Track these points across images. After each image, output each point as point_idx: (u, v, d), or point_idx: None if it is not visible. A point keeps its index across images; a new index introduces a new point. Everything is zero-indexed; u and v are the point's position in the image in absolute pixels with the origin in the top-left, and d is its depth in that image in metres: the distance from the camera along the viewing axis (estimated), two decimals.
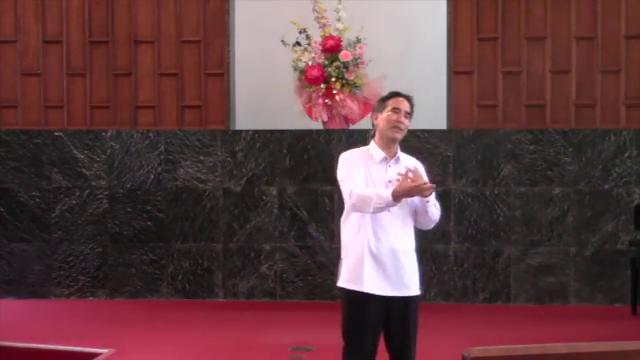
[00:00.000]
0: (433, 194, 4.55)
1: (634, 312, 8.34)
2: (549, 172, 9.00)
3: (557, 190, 8.98)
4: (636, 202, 8.76)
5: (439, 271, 8.98)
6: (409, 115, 4.63)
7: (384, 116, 4.60)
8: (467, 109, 9.32)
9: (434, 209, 4.60)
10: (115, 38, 9.58)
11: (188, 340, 7.39)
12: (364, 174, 4.53)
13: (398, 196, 4.36)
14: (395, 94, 4.70)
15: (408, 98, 4.69)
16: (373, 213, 4.43)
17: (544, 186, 8.99)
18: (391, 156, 4.59)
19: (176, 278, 9.22)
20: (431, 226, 4.69)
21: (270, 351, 7.04)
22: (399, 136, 4.59)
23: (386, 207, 4.41)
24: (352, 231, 4.57)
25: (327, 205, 8.95)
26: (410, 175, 4.39)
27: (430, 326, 5.89)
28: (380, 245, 4.49)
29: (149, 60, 9.58)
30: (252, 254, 9.16)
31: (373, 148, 4.61)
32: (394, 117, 4.58)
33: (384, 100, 4.68)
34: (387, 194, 4.37)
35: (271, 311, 8.73)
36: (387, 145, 4.59)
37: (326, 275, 8.87)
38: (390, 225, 4.50)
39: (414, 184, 4.35)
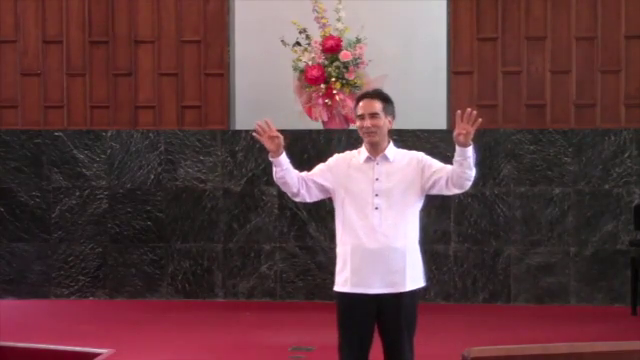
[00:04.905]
0: (472, 145, 4.47)
1: (634, 312, 8.34)
2: (549, 172, 9.00)
3: (557, 190, 8.98)
4: (636, 202, 8.75)
5: (439, 271, 8.97)
6: (376, 115, 4.59)
7: (356, 124, 4.69)
8: (467, 109, 9.29)
9: (472, 160, 4.47)
10: (115, 38, 9.58)
11: (188, 340, 7.39)
12: (336, 171, 4.63)
13: (272, 156, 4.60)
14: (359, 98, 4.75)
15: (374, 95, 4.71)
16: (281, 182, 4.66)
17: (544, 186, 8.99)
18: (376, 155, 4.61)
19: (176, 278, 9.22)
20: (467, 185, 4.55)
21: (270, 351, 7.04)
22: (373, 139, 4.60)
23: (277, 168, 4.61)
24: (338, 233, 4.66)
25: (327, 205, 8.93)
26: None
27: (430, 326, 5.89)
28: (366, 243, 4.52)
29: (149, 60, 9.57)
30: (252, 254, 9.15)
31: (362, 149, 4.68)
32: (358, 124, 4.65)
33: (354, 107, 4.75)
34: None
35: (271, 311, 8.73)
36: (370, 147, 4.64)
37: (326, 275, 8.85)
38: (379, 223, 4.53)
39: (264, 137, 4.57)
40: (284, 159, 4.59)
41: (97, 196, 9.30)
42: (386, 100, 4.67)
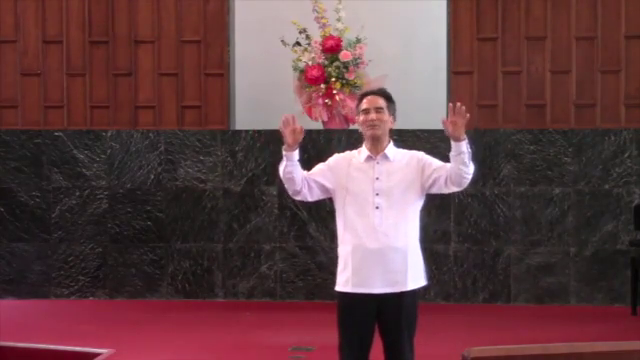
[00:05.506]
0: (466, 141, 4.51)
1: (634, 312, 8.34)
2: (549, 172, 9.00)
3: (557, 190, 8.98)
4: (636, 202, 8.75)
5: (439, 271, 8.97)
6: (381, 110, 4.64)
7: (359, 120, 4.70)
8: (467, 109, 9.26)
9: (467, 156, 4.51)
10: (115, 38, 9.58)
11: (188, 340, 7.39)
12: (337, 171, 4.65)
13: (287, 149, 4.59)
14: (363, 95, 4.79)
15: (379, 93, 4.74)
16: (288, 177, 4.59)
17: (544, 186, 8.99)
18: (377, 154, 4.63)
19: (176, 278, 9.22)
20: (464, 182, 4.58)
21: (270, 351, 7.04)
22: (376, 132, 4.63)
23: (288, 162, 4.59)
24: (339, 233, 4.66)
25: (327, 205, 8.92)
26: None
27: (430, 326, 5.89)
28: (367, 243, 4.53)
29: (149, 60, 9.57)
30: (252, 254, 9.15)
31: (362, 149, 4.70)
32: (363, 118, 4.66)
33: (357, 105, 4.77)
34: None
35: (271, 311, 8.73)
36: (371, 144, 4.65)
37: (326, 275, 8.86)
38: (379, 222, 4.53)
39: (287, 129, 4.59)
40: (296, 154, 4.63)
41: (97, 196, 9.30)
42: (389, 99, 4.72)
